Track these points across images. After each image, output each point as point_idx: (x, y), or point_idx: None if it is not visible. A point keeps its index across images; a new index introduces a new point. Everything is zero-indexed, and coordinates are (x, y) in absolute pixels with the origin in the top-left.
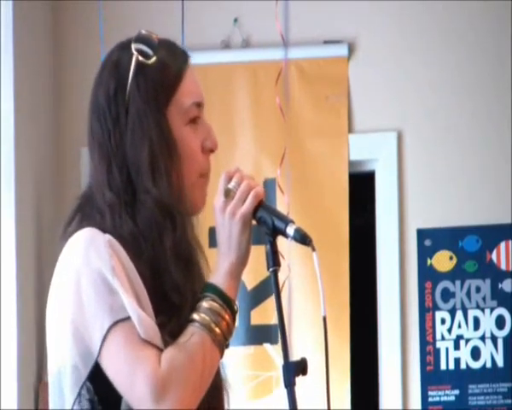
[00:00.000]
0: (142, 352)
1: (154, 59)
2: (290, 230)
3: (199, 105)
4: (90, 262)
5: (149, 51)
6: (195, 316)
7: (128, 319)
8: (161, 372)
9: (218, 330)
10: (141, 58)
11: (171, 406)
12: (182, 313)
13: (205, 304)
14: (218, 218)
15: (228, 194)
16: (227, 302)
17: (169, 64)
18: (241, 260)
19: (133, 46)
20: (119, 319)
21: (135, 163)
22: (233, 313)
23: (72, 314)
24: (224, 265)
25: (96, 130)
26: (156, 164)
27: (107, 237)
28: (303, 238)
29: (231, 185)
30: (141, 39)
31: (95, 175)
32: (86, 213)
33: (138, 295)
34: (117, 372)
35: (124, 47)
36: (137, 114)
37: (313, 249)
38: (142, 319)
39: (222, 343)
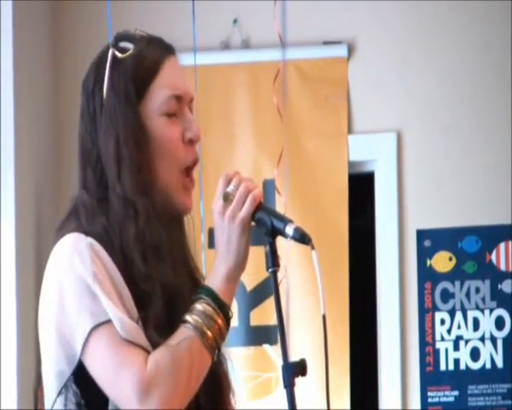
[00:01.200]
0: (126, 352)
1: (128, 53)
2: (289, 229)
3: (178, 98)
4: (73, 268)
5: (127, 46)
6: (188, 318)
7: (109, 321)
8: (147, 373)
9: (209, 333)
10: (116, 53)
11: (155, 406)
12: (155, 301)
13: (199, 306)
14: (217, 222)
15: (227, 198)
16: (221, 307)
17: (144, 57)
18: (239, 265)
19: (111, 42)
20: (99, 323)
21: (104, 159)
22: (227, 318)
23: (57, 321)
24: (222, 268)
25: (79, 129)
26: (121, 159)
27: (89, 240)
28: (302, 237)
29: (230, 189)
30: (120, 36)
31: (78, 175)
32: (75, 215)
33: (122, 297)
34: (102, 373)
35: (106, 47)
36: (109, 109)
37: (312, 248)
38: (124, 321)
39: (213, 347)
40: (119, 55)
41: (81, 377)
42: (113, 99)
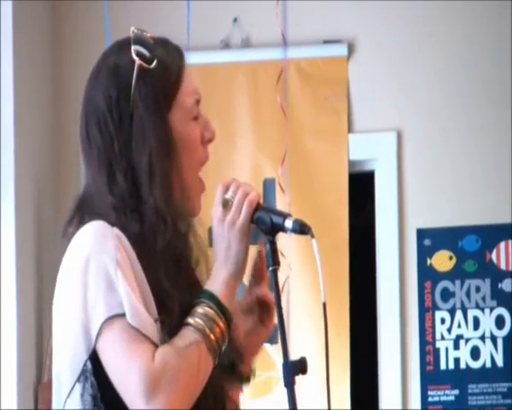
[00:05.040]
0: (136, 346)
1: (154, 63)
2: (288, 222)
3: (198, 101)
4: (97, 253)
5: (148, 54)
6: (190, 320)
7: (123, 315)
8: (154, 368)
9: (212, 336)
10: (142, 63)
11: (161, 401)
12: (172, 315)
13: (200, 310)
14: (217, 228)
15: (226, 204)
16: (222, 310)
17: (168, 66)
18: (240, 270)
19: (133, 49)
20: (113, 315)
21: (137, 169)
22: (228, 322)
23: (77, 307)
24: (222, 273)
25: (95, 136)
26: (153, 171)
27: (115, 230)
28: (302, 228)
29: (228, 195)
30: (138, 41)
31: (94, 181)
32: (88, 214)
33: (143, 292)
34: (112, 367)
35: (121, 49)
36: (140, 120)
37: (312, 236)
38: (138, 310)
39: (215, 350)
40: (144, 65)
41: (100, 370)
42: (143, 111)
